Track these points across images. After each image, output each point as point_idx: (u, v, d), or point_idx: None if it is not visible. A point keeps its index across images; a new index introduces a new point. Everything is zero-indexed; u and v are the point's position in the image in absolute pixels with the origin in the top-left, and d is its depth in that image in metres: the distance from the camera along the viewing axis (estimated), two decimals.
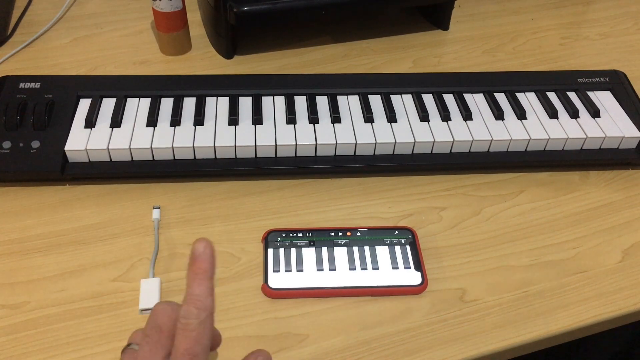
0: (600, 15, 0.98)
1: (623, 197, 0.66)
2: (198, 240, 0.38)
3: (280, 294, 0.54)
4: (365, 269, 0.55)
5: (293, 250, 0.56)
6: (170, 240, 0.58)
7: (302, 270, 0.55)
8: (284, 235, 0.58)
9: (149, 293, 0.53)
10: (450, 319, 0.53)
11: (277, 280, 0.54)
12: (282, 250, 0.56)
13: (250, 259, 0.57)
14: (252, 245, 0.58)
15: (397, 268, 0.55)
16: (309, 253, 0.56)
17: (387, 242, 0.57)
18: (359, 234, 0.58)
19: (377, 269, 0.55)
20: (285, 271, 0.55)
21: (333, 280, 0.54)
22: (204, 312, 0.37)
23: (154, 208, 0.61)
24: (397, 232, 0.58)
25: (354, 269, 0.55)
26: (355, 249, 0.56)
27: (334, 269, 0.55)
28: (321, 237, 0.57)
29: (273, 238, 0.57)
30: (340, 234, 0.58)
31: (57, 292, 0.53)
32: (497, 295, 0.55)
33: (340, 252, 0.56)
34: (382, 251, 0.56)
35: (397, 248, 0.57)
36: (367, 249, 0.57)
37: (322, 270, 0.55)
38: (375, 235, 0.58)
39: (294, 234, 0.58)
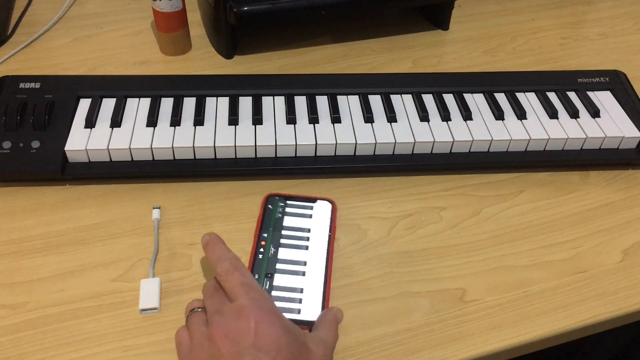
0: (600, 15, 0.98)
1: (623, 197, 0.66)
2: (203, 236, 0.51)
3: None
4: None
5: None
6: (170, 240, 0.58)
7: None
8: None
9: (149, 293, 0.53)
10: (450, 319, 0.53)
11: None
12: None
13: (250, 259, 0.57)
14: (251, 245, 0.58)
15: None
16: None
17: None
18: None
19: None
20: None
21: None
22: (232, 260, 0.47)
23: (154, 208, 0.61)
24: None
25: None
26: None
27: None
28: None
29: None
30: None
31: (57, 292, 0.53)
32: (497, 295, 0.55)
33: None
34: None
35: None
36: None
37: None
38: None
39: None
